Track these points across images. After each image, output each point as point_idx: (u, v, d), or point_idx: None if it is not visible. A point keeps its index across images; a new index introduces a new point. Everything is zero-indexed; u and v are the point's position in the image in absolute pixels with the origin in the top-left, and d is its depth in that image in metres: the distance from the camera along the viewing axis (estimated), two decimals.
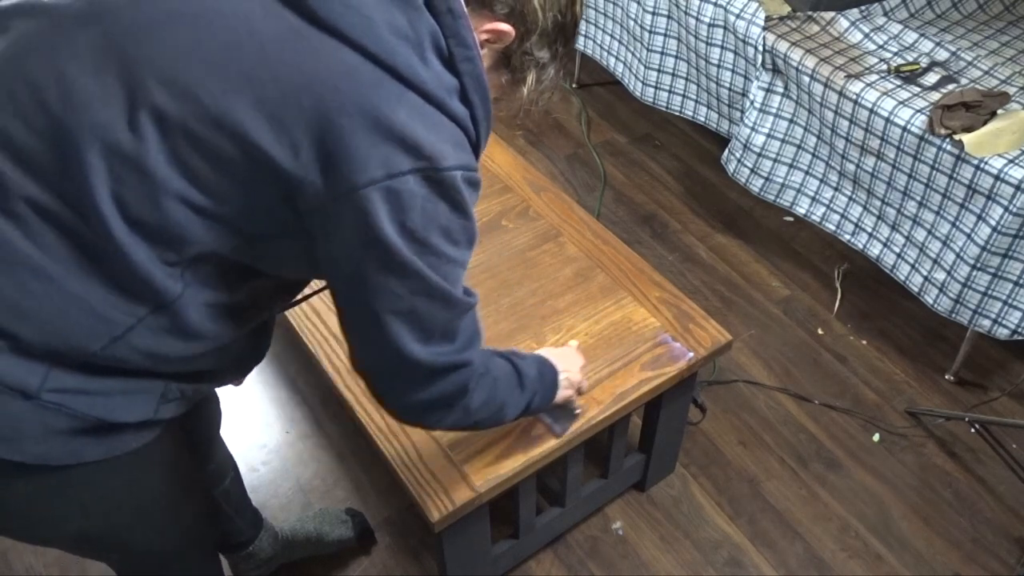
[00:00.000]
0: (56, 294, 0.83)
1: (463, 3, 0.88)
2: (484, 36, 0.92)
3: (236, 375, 1.06)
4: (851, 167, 2.04)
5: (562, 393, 1.28)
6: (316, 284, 1.20)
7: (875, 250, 2.09)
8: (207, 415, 1.40)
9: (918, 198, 1.91)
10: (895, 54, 2.07)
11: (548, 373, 1.23)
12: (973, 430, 1.98)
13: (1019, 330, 1.84)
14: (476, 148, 0.93)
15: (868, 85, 1.92)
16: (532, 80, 0.98)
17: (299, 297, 1.17)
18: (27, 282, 0.82)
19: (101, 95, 0.81)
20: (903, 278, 2.03)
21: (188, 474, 1.16)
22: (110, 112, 0.81)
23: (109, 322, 0.85)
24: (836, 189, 2.14)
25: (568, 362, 1.33)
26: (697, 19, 2.23)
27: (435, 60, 0.86)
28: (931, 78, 1.98)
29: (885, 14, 2.21)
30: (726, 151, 2.31)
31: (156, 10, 0.83)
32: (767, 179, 2.24)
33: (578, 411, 1.40)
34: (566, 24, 0.96)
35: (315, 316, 1.56)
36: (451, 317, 0.94)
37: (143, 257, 0.84)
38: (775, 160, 2.21)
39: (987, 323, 1.88)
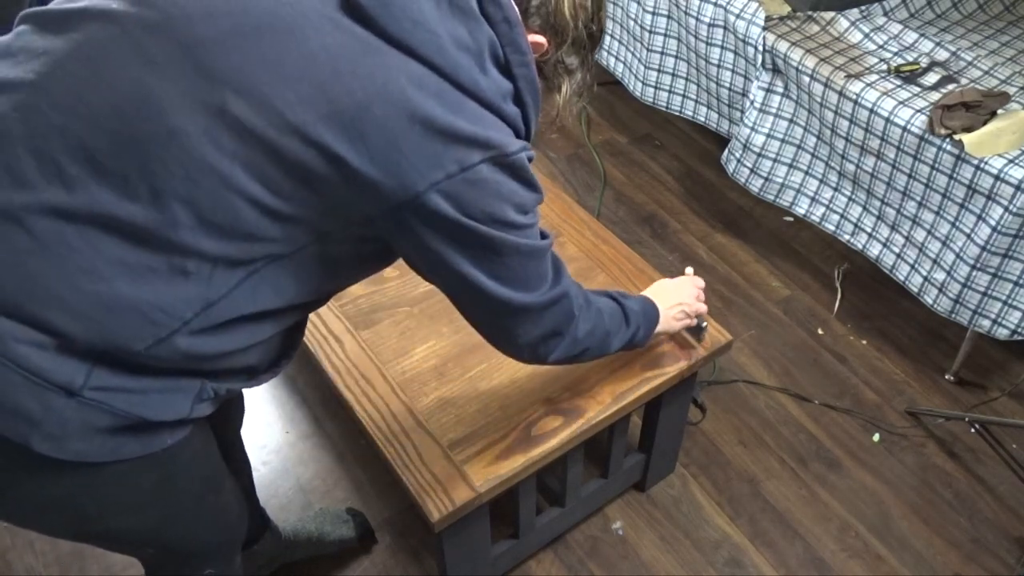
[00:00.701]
0: (107, 295, 0.85)
1: (517, 12, 0.93)
2: None
3: (269, 373, 1.07)
4: (851, 167, 2.04)
5: (678, 324, 1.46)
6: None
7: (875, 250, 2.09)
8: (232, 413, 1.42)
9: (918, 198, 1.91)
10: (895, 54, 2.07)
11: (651, 310, 1.36)
12: (973, 430, 1.98)
13: (1019, 330, 1.84)
14: (526, 142, 1.00)
15: (868, 85, 1.92)
16: (566, 87, 1.05)
17: None
18: (79, 280, 0.84)
19: (178, 103, 0.83)
20: (903, 278, 2.03)
21: (220, 469, 1.17)
22: (186, 120, 0.83)
23: (156, 324, 0.87)
24: (836, 189, 2.14)
25: (681, 293, 1.47)
26: (697, 19, 2.23)
27: (493, 68, 0.92)
28: (931, 78, 1.98)
29: (885, 14, 2.21)
30: (726, 151, 2.31)
31: (229, 23, 0.85)
32: (767, 179, 2.24)
33: (704, 324, 1.53)
34: (594, 32, 1.03)
35: (315, 316, 1.56)
36: (539, 263, 1.04)
37: (208, 260, 0.87)
38: (775, 160, 2.21)
39: (987, 323, 1.88)
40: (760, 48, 2.10)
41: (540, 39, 0.98)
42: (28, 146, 0.84)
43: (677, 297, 1.46)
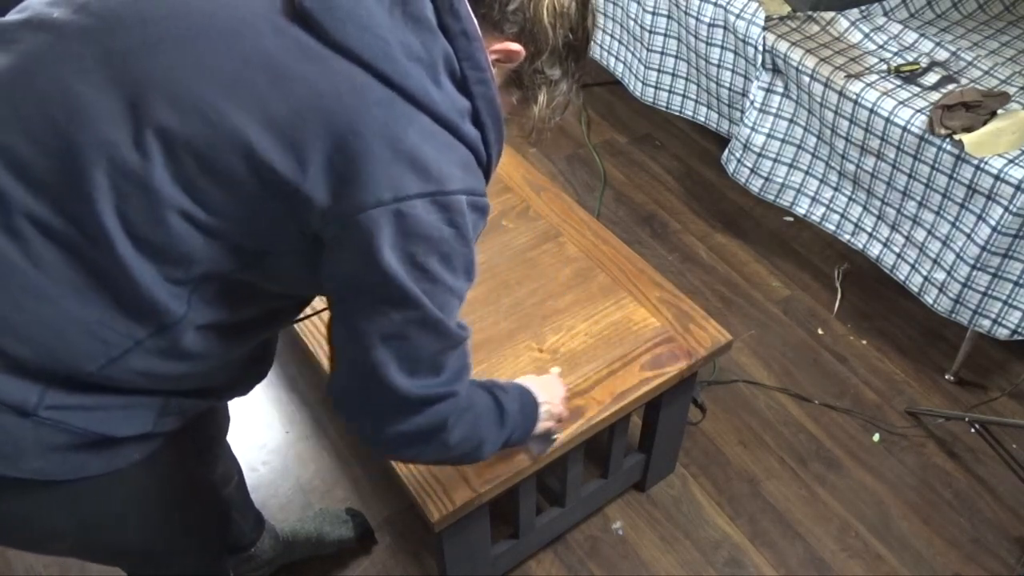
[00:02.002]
0: (52, 314, 0.82)
1: (477, 25, 0.88)
2: (494, 56, 0.92)
3: (238, 392, 1.05)
4: (851, 167, 2.04)
5: (542, 425, 1.26)
6: (318, 304, 1.18)
7: (875, 250, 2.09)
8: (214, 421, 1.39)
9: (918, 198, 1.91)
10: (895, 54, 2.07)
11: (529, 407, 1.20)
12: (973, 430, 1.98)
13: (1019, 330, 1.84)
14: (487, 170, 0.93)
15: (868, 85, 1.92)
16: (544, 98, 0.98)
17: (302, 316, 1.17)
18: (23, 301, 0.81)
19: (107, 112, 0.80)
20: (903, 278, 2.03)
21: (195, 479, 1.15)
22: (116, 129, 0.80)
23: (106, 343, 0.84)
24: (836, 189, 2.14)
25: (551, 392, 1.30)
26: (697, 19, 2.23)
27: (448, 83, 0.86)
28: (931, 78, 1.98)
29: (885, 14, 2.21)
30: (726, 151, 2.31)
31: (164, 28, 0.82)
32: (767, 179, 2.24)
33: (555, 437, 1.36)
34: (577, 41, 0.96)
35: (315, 315, 1.56)
36: (441, 348, 0.92)
37: (148, 276, 0.83)
38: (775, 160, 2.21)
39: (987, 323, 1.88)
40: (760, 48, 2.10)
41: (515, 47, 0.92)
42: None
43: (545, 395, 1.26)
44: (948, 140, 1.78)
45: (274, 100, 0.80)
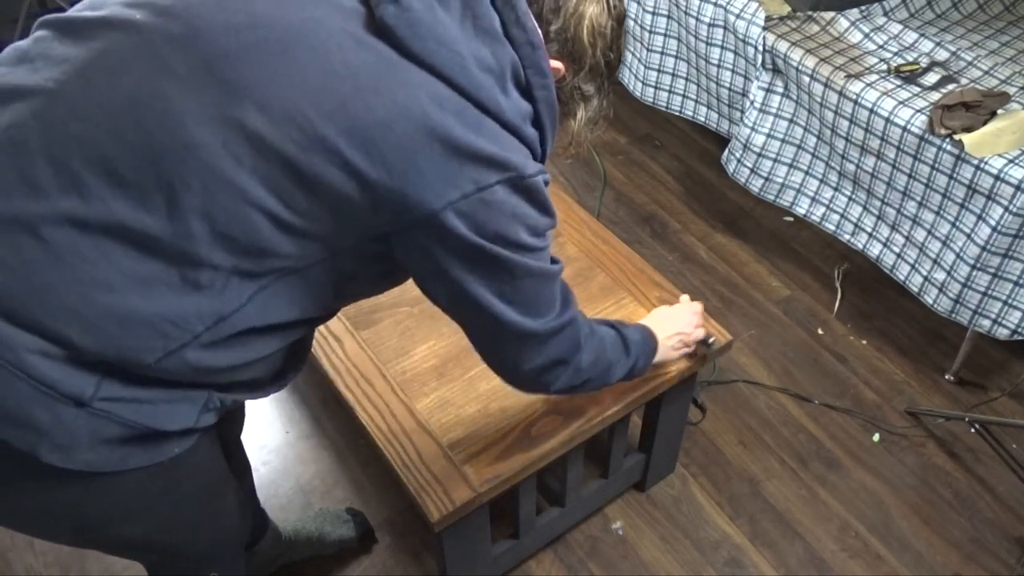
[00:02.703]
0: (119, 307, 0.84)
1: (541, 36, 0.94)
2: None
3: (276, 385, 1.07)
4: (851, 167, 2.04)
5: (676, 353, 1.44)
6: None
7: (875, 250, 2.09)
8: (235, 419, 1.42)
9: (918, 198, 1.91)
10: (895, 54, 2.07)
11: (650, 340, 1.34)
12: (973, 430, 1.98)
13: (1019, 330, 1.84)
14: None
15: (868, 85, 1.92)
16: (581, 113, 1.05)
17: None
18: (92, 293, 0.83)
19: (197, 115, 0.83)
20: (903, 278, 2.03)
21: (224, 474, 1.17)
22: (205, 132, 0.83)
23: (167, 337, 0.87)
24: (836, 189, 2.14)
25: (681, 321, 1.45)
26: (697, 19, 2.23)
27: (514, 90, 0.93)
28: (931, 78, 1.98)
29: (885, 14, 2.21)
30: (726, 151, 2.31)
31: (251, 38, 0.85)
32: (767, 179, 2.24)
33: (712, 341, 1.50)
34: (611, 59, 1.03)
35: None
36: (548, 288, 1.03)
37: (221, 273, 0.87)
38: (775, 160, 2.21)
39: (987, 323, 1.88)
40: (760, 48, 2.10)
41: (558, 64, 0.98)
42: (45, 155, 0.83)
43: (675, 326, 1.44)
44: (948, 140, 1.78)
45: (361, 110, 0.84)
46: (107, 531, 1.03)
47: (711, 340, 1.50)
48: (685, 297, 1.56)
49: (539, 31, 0.94)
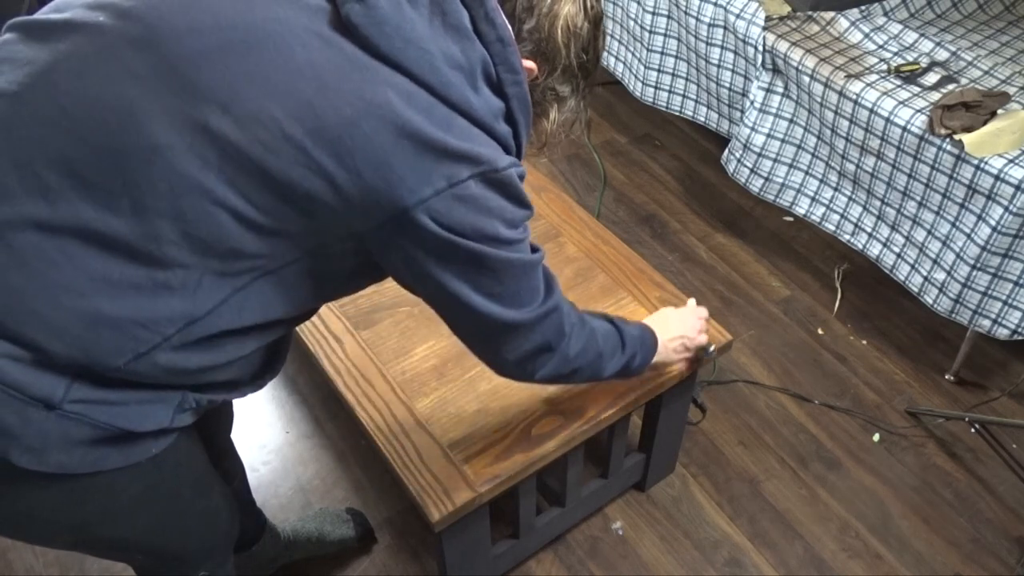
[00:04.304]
0: (86, 311, 0.84)
1: (511, 31, 0.93)
2: None
3: (252, 386, 1.07)
4: (851, 167, 2.04)
5: (677, 357, 1.42)
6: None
7: (875, 250, 2.09)
8: (220, 419, 1.40)
9: (918, 198, 1.91)
10: (895, 54, 2.07)
11: (650, 338, 1.32)
12: (973, 430, 1.98)
13: (1019, 330, 1.84)
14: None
15: (868, 85, 1.92)
16: (554, 114, 1.04)
17: None
18: (59, 296, 0.83)
19: (162, 118, 0.83)
20: (903, 278, 2.03)
21: (208, 474, 1.17)
22: (170, 134, 0.82)
23: (136, 340, 0.86)
24: (836, 189, 2.14)
25: (686, 324, 1.44)
26: (697, 19, 2.23)
27: (485, 87, 0.92)
28: (931, 78, 1.98)
29: (885, 14, 2.21)
30: (726, 151, 2.31)
31: (216, 39, 0.84)
32: (767, 179, 2.24)
33: (712, 349, 1.49)
34: (588, 60, 1.01)
35: (315, 316, 1.56)
36: (530, 277, 1.02)
37: (193, 275, 0.86)
38: (775, 160, 2.21)
39: (987, 323, 1.88)
40: (760, 48, 2.10)
41: (530, 64, 0.97)
42: (9, 158, 0.83)
43: (679, 329, 1.42)
44: (948, 140, 1.78)
45: (327, 109, 0.83)
46: (89, 533, 1.02)
47: (712, 348, 1.49)
48: (692, 301, 1.56)
49: (509, 27, 0.93)
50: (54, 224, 0.82)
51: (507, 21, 0.93)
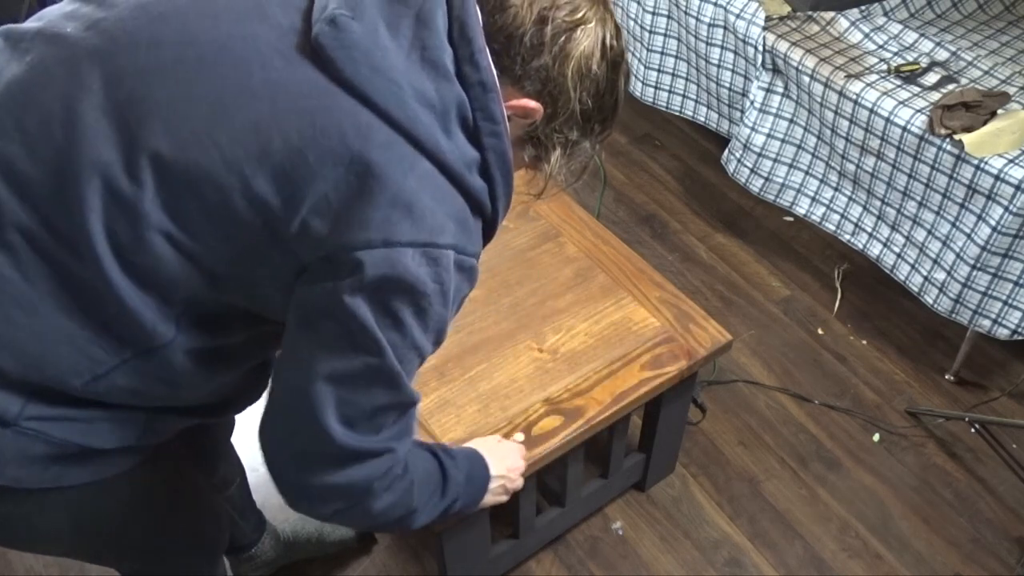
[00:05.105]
0: (40, 327, 0.81)
1: (496, 77, 0.85)
2: (509, 111, 0.89)
3: (228, 414, 1.04)
4: (851, 167, 2.04)
5: (492, 499, 1.20)
6: None
7: (875, 250, 2.09)
8: (214, 427, 1.38)
9: (918, 198, 1.91)
10: (895, 54, 2.07)
11: (478, 477, 1.14)
12: (973, 430, 1.98)
13: (1019, 330, 1.84)
14: (491, 224, 0.91)
15: (868, 85, 1.92)
16: (557, 158, 0.94)
17: None
18: (11, 313, 0.81)
19: (104, 133, 0.80)
20: (903, 278, 2.03)
21: (191, 485, 1.14)
22: (110, 151, 0.79)
23: (92, 360, 0.84)
24: (836, 189, 2.14)
25: (508, 462, 1.24)
26: (697, 19, 2.23)
27: (459, 132, 0.84)
28: (931, 78, 1.98)
29: (885, 14, 2.21)
30: (726, 151, 2.31)
31: (171, 54, 0.81)
32: (767, 179, 2.24)
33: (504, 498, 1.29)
34: (603, 105, 0.93)
35: None
36: (389, 404, 0.87)
37: (135, 297, 0.82)
38: (775, 160, 2.21)
39: (987, 323, 1.88)
40: (760, 48, 2.10)
41: (533, 104, 0.89)
42: None
43: (501, 467, 1.21)
44: (948, 140, 1.78)
45: (274, 134, 0.79)
46: (68, 542, 1.00)
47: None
48: (519, 437, 1.37)
49: (494, 72, 0.85)
50: (4, 240, 0.80)
51: (493, 65, 0.85)
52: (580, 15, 0.87)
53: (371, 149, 0.79)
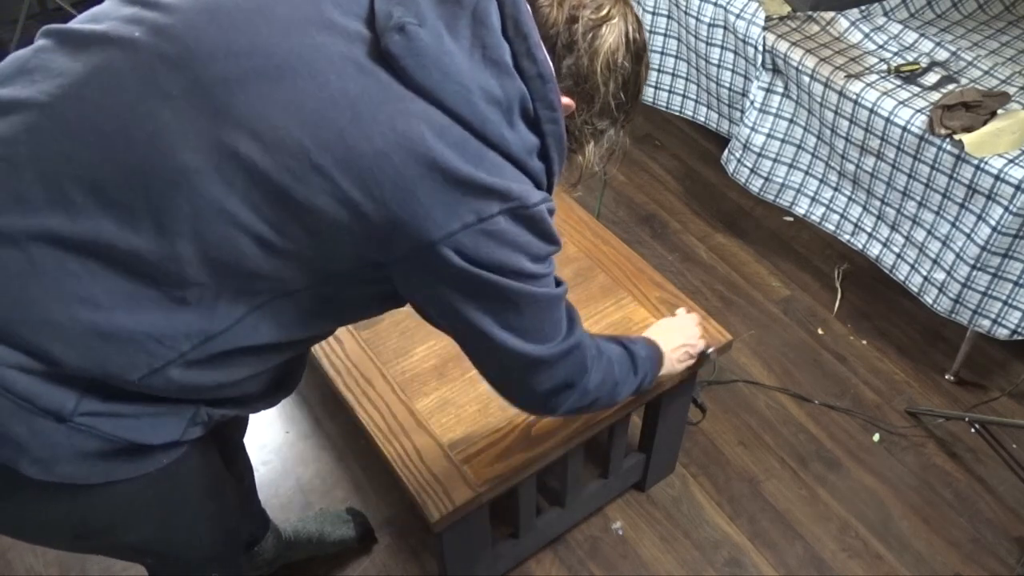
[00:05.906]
0: (103, 324, 0.84)
1: (552, 68, 0.91)
2: None
3: (266, 404, 1.07)
4: (851, 167, 2.04)
5: (680, 365, 1.42)
6: None
7: (875, 250, 2.09)
8: (238, 423, 1.42)
9: (918, 198, 1.91)
10: (895, 54, 2.07)
11: (656, 355, 1.32)
12: (973, 430, 1.98)
13: (1019, 330, 1.84)
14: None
15: (868, 85, 1.92)
16: (591, 148, 1.02)
17: None
18: (76, 309, 0.83)
19: (190, 139, 0.82)
20: (903, 278, 2.03)
21: (221, 478, 1.17)
22: (197, 157, 0.82)
23: (151, 355, 0.86)
24: (836, 189, 2.14)
25: (686, 332, 1.45)
26: (697, 19, 2.23)
27: (521, 123, 0.91)
28: (931, 78, 1.98)
29: (885, 14, 2.21)
30: (726, 151, 2.31)
31: (251, 63, 0.84)
32: (767, 179, 2.24)
33: (711, 352, 1.50)
34: (628, 94, 0.99)
35: None
36: (553, 312, 1.01)
37: (210, 294, 0.86)
38: (775, 160, 2.21)
39: (987, 323, 1.88)
40: (760, 48, 2.10)
41: (567, 100, 0.96)
42: (35, 170, 0.83)
43: (681, 338, 1.42)
44: (948, 140, 1.78)
45: (356, 139, 0.83)
46: (103, 539, 1.03)
47: (711, 351, 1.50)
48: (681, 310, 1.55)
49: (550, 63, 0.91)
50: (75, 238, 0.82)
51: (548, 57, 0.91)
52: (605, 12, 0.93)
53: (447, 148, 0.84)
